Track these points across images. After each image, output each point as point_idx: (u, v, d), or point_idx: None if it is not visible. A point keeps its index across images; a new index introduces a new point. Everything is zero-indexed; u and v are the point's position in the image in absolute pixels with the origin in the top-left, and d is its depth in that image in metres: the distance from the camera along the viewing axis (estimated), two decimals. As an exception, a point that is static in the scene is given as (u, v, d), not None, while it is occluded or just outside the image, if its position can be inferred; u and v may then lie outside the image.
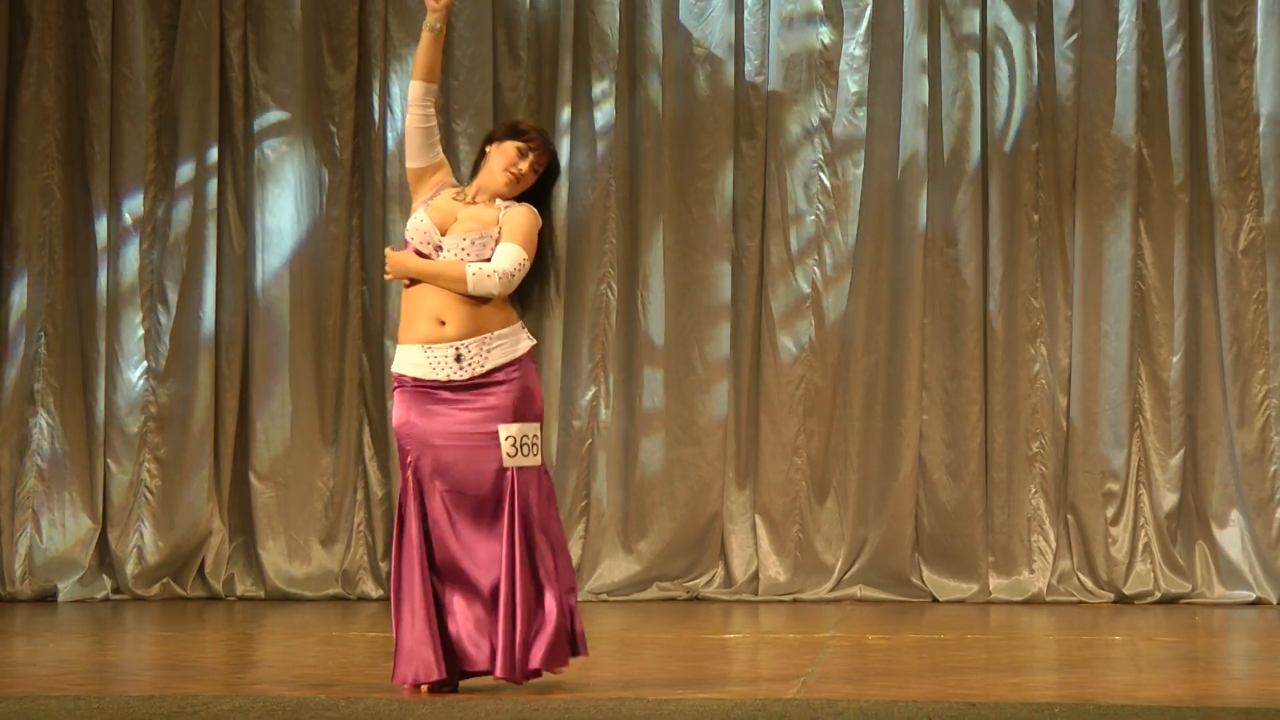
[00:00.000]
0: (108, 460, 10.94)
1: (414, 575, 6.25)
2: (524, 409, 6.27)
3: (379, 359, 10.98)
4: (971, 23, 10.94)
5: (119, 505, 10.91)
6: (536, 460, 6.27)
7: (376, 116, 11.04)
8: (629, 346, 10.95)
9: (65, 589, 10.73)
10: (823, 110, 11.00)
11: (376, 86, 11.05)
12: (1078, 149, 10.89)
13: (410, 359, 6.26)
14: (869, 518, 10.91)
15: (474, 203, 6.35)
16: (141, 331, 11.02)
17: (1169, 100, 10.85)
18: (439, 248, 6.26)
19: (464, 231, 6.26)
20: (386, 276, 6.38)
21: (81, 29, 11.04)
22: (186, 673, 7.19)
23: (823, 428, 10.93)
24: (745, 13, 11.04)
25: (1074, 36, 10.91)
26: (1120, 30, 10.88)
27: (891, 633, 8.84)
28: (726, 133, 11.01)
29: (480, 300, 6.24)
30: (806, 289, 10.98)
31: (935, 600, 10.77)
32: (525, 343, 6.34)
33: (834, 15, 11.01)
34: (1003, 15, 10.95)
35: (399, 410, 6.30)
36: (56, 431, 10.97)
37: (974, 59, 10.94)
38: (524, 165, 6.35)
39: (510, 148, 6.36)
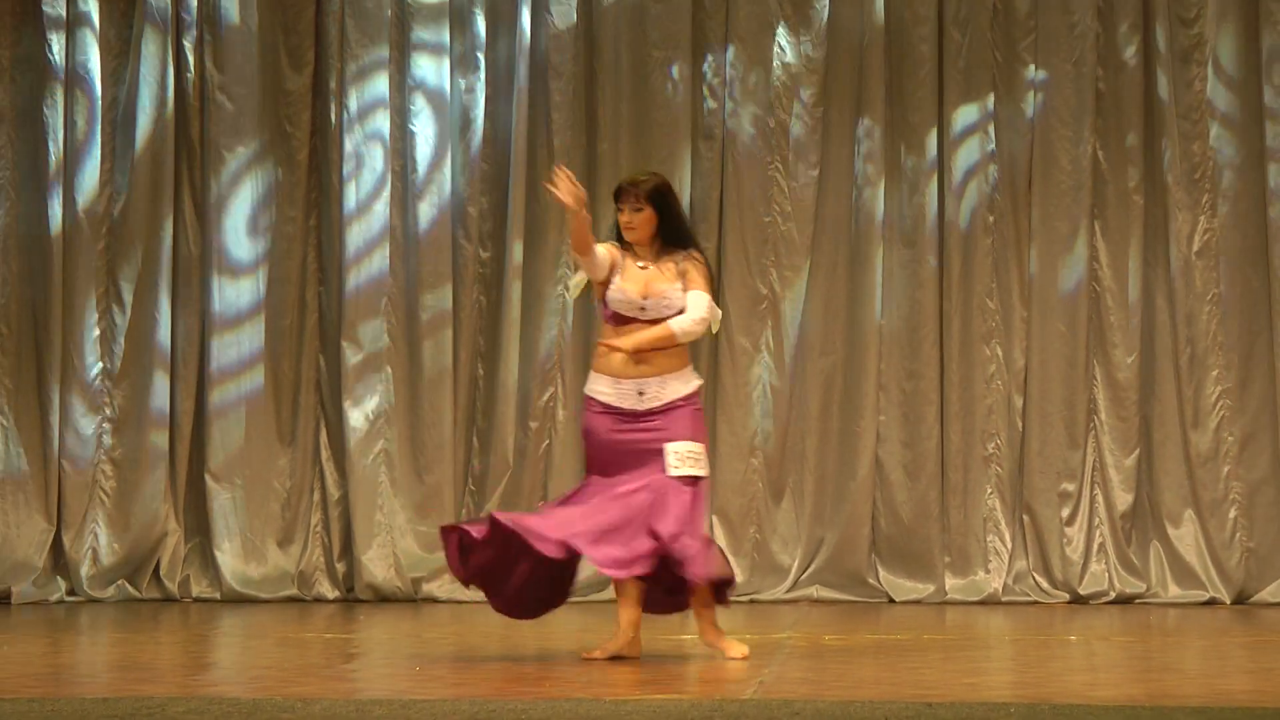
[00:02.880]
0: (62, 461, 10.88)
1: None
2: (688, 431, 7.44)
3: (335, 360, 10.96)
4: (928, 24, 10.97)
5: (74, 507, 10.86)
6: (697, 470, 7.40)
7: (333, 117, 11.01)
8: (586, 347, 10.93)
9: (19, 591, 10.67)
10: (779, 111, 11.01)
11: (333, 87, 11.02)
12: (1033, 150, 10.93)
13: (601, 387, 7.51)
14: (826, 518, 10.92)
15: (647, 264, 7.55)
16: (97, 332, 10.97)
17: (1124, 102, 10.90)
18: (642, 308, 7.49)
19: (657, 295, 7.50)
20: (618, 356, 7.45)
21: (37, 29, 10.98)
22: (142, 674, 7.16)
23: (779, 428, 10.95)
24: (703, 14, 11.05)
25: (1030, 38, 10.94)
26: (1075, 32, 10.92)
27: (848, 633, 8.86)
28: (684, 134, 11.02)
29: (665, 348, 7.49)
30: (763, 290, 11.00)
31: (891, 601, 10.79)
32: (695, 381, 7.60)
33: (791, 18, 11.02)
34: (959, 16, 10.98)
35: (588, 420, 7.54)
36: (11, 433, 10.91)
37: (930, 60, 10.96)
38: (628, 216, 7.53)
39: (618, 217, 7.57)
